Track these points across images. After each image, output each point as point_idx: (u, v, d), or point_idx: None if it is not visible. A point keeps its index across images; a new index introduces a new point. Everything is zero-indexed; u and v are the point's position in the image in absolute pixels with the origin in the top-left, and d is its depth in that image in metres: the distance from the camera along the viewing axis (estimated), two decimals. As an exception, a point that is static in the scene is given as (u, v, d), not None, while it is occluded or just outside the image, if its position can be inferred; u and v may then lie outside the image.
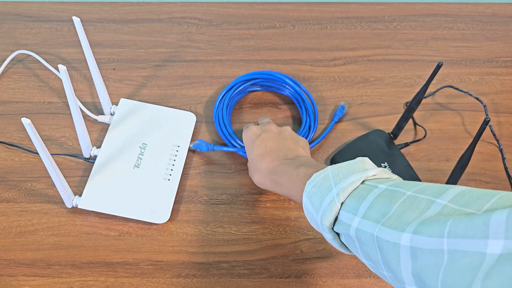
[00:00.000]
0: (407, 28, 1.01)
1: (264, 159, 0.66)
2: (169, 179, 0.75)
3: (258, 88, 0.88)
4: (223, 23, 1.01)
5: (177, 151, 0.78)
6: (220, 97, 0.84)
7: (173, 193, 0.74)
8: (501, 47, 0.98)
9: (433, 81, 0.73)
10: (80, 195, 0.72)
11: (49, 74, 0.90)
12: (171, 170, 0.76)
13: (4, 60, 0.91)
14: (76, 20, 0.69)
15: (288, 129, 0.72)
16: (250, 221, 0.73)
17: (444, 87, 0.90)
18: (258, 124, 0.77)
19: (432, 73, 0.71)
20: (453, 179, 0.70)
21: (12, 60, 0.91)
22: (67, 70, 0.63)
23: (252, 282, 0.67)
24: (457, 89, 0.89)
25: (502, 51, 0.97)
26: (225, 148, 0.78)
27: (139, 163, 0.76)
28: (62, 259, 0.69)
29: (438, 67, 0.69)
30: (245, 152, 0.76)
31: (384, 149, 0.79)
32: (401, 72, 0.93)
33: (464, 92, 0.88)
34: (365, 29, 1.01)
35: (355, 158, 0.55)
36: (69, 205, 0.72)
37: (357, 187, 0.52)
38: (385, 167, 0.76)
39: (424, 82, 0.74)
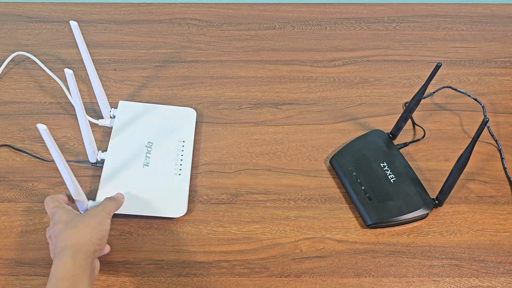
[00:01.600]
0: (406, 29, 1.01)
1: None
2: (179, 174, 0.76)
3: None
4: (223, 24, 1.02)
5: (183, 146, 0.79)
6: None
7: (186, 186, 0.75)
8: (500, 48, 0.98)
9: (432, 82, 0.73)
10: (93, 200, 0.72)
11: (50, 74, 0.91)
12: (180, 164, 0.77)
13: (3, 61, 0.91)
14: (73, 24, 0.68)
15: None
16: (250, 221, 0.73)
17: (443, 87, 0.90)
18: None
19: (431, 74, 0.71)
20: (451, 179, 0.70)
21: (12, 60, 0.92)
22: (67, 70, 0.63)
23: (252, 281, 0.68)
24: (456, 89, 0.89)
25: (501, 51, 0.98)
26: None
27: (147, 162, 0.77)
28: (63, 259, 0.69)
29: (437, 67, 0.69)
30: None
31: (383, 149, 0.79)
32: (400, 73, 0.93)
33: (463, 93, 0.88)
34: (364, 30, 1.01)
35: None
36: (83, 211, 0.71)
37: None
38: (384, 167, 0.76)
39: (423, 83, 0.74)
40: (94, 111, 0.86)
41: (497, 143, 0.83)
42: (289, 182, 0.77)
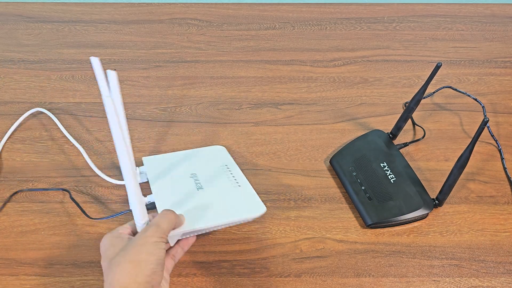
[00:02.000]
0: (406, 29, 1.02)
1: None
2: (239, 185, 0.71)
3: None
4: (223, 24, 1.02)
5: (228, 168, 0.75)
6: None
7: (252, 189, 0.70)
8: (500, 48, 0.98)
9: (432, 82, 0.73)
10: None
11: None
12: (235, 179, 0.73)
13: (21, 115, 0.85)
14: (95, 60, 0.49)
15: None
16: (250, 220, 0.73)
17: (443, 87, 0.90)
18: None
19: (431, 74, 0.71)
20: (451, 179, 0.70)
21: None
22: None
23: (252, 281, 0.68)
24: (456, 89, 0.89)
25: (501, 51, 0.98)
26: None
27: (200, 186, 0.71)
28: (63, 259, 0.69)
29: (437, 67, 0.69)
30: None
31: (383, 149, 0.79)
32: (400, 73, 0.94)
33: (463, 93, 0.88)
34: (364, 30, 1.01)
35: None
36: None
37: None
38: (384, 167, 0.76)
39: (423, 83, 0.74)
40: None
41: (497, 143, 0.83)
42: (289, 182, 0.78)
